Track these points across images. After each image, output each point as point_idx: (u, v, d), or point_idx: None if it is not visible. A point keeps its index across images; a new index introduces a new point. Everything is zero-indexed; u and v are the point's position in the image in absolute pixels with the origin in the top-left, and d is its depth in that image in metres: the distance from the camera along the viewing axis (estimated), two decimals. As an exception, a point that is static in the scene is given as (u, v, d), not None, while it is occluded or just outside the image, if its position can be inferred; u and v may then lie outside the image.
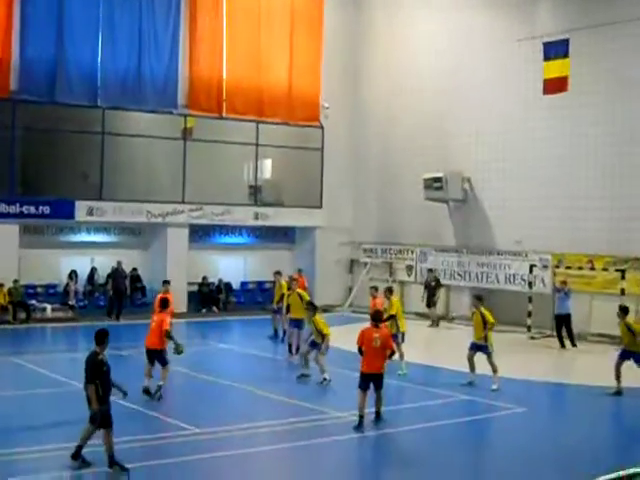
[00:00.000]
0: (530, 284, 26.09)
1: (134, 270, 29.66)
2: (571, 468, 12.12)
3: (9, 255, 26.64)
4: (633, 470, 10.27)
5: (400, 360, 18.19)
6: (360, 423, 13.36)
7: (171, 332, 15.68)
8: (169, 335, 15.57)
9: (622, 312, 17.48)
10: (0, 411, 14.39)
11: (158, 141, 30.01)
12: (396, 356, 16.32)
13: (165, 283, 20.12)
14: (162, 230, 29.84)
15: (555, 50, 25.14)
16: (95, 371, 11.13)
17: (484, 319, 17.27)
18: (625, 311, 17.51)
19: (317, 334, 17.50)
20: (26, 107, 27.57)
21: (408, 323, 27.72)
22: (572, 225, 25.78)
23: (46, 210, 27.40)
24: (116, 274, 28.20)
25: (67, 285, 28.46)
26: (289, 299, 20.81)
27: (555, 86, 25.13)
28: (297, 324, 20.09)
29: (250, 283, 32.61)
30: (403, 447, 13.19)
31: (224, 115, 30.97)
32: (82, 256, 29.18)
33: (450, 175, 28.82)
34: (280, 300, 22.79)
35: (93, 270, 29.42)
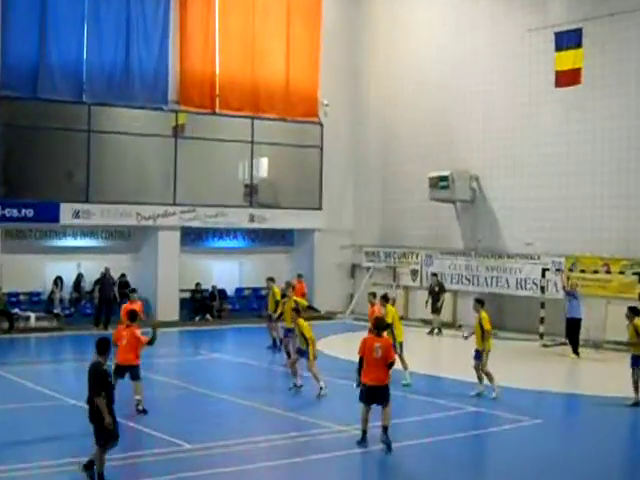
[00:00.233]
0: (542, 289, 26.04)
1: (123, 276, 29.57)
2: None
3: (-10, 261, 26.67)
4: None
5: (404, 370, 18.15)
6: (363, 438, 13.25)
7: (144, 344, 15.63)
8: (152, 342, 15.53)
9: (632, 313, 16.99)
10: (-20, 427, 14.32)
11: (147, 139, 29.99)
12: (398, 366, 16.23)
13: (132, 292, 20.03)
14: (152, 234, 29.80)
15: (567, 40, 25.11)
16: (102, 382, 11.02)
17: (481, 325, 17.29)
18: (635, 312, 16.94)
19: (302, 339, 17.59)
20: (7, 103, 27.57)
21: (412, 330, 27.95)
22: (586, 226, 25.75)
23: (29, 213, 27.35)
24: (104, 280, 28.21)
25: (52, 292, 28.42)
26: (284, 307, 20.80)
27: (567, 78, 25.10)
28: (293, 332, 19.96)
29: (245, 289, 32.57)
30: (408, 463, 13.06)
31: (217, 111, 30.96)
32: (68, 262, 29.13)
33: (457, 174, 28.79)
34: (277, 308, 22.70)
35: (79, 276, 29.39)
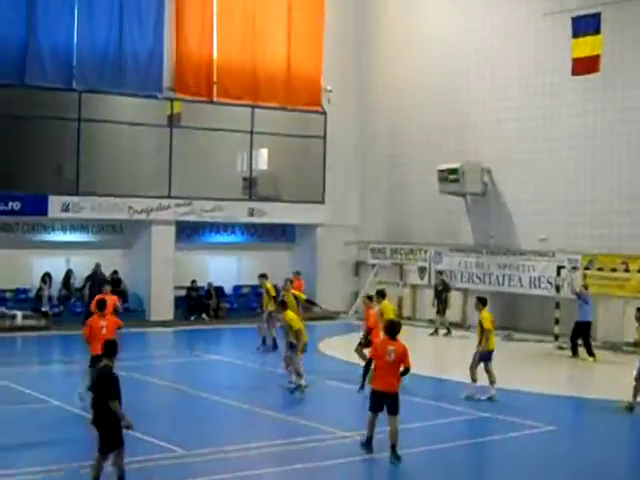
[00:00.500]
0: (557, 288, 26.11)
1: (114, 273, 29.71)
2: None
3: (-25, 256, 26.81)
4: None
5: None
6: (368, 441, 13.17)
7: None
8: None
9: None
10: (-35, 431, 14.41)
11: (141, 129, 30.09)
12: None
13: (105, 284, 20.37)
14: (146, 228, 29.90)
15: (585, 25, 25.16)
16: (115, 386, 10.89)
17: (481, 325, 17.47)
18: None
19: (291, 332, 17.95)
20: (-7, 91, 27.68)
21: (419, 332, 28.07)
22: (604, 221, 25.82)
23: (16, 206, 27.45)
24: (95, 277, 28.24)
25: (40, 290, 28.50)
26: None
27: (585, 66, 25.17)
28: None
29: (244, 287, 32.64)
30: (416, 472, 13.06)
31: (215, 99, 31.03)
32: (56, 257, 29.24)
33: (468, 166, 28.85)
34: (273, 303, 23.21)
35: (69, 273, 29.48)
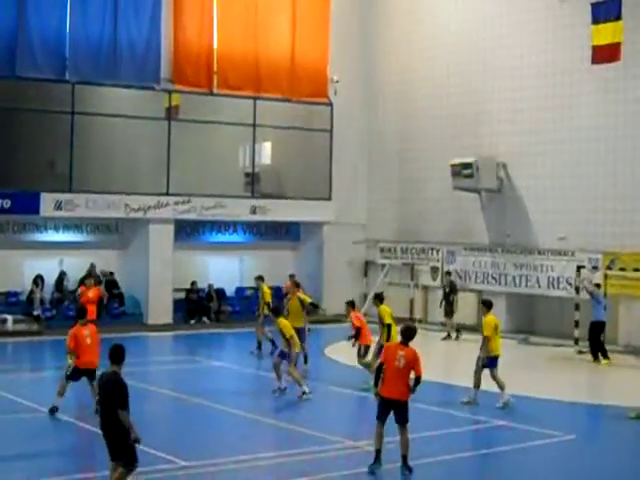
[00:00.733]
0: (577, 289, 26.04)
1: (110, 274, 29.72)
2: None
3: (-37, 257, 26.84)
4: None
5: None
6: (376, 459, 12.96)
7: None
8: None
9: None
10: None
11: (137, 122, 30.06)
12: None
13: (87, 277, 21.32)
14: (143, 227, 29.89)
15: (605, 11, 25.10)
16: (125, 394, 10.62)
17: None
18: None
19: (283, 340, 18.15)
20: (-18, 83, 27.72)
21: (430, 335, 28.01)
22: (626, 219, 25.75)
23: (6, 204, 27.43)
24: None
25: (31, 292, 28.51)
26: (288, 304, 21.70)
27: (605, 54, 25.10)
28: (296, 333, 20.51)
29: (247, 289, 32.57)
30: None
31: (215, 90, 31.01)
32: (49, 258, 29.24)
33: (482, 160, 28.79)
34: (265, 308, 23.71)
35: (62, 274, 29.48)
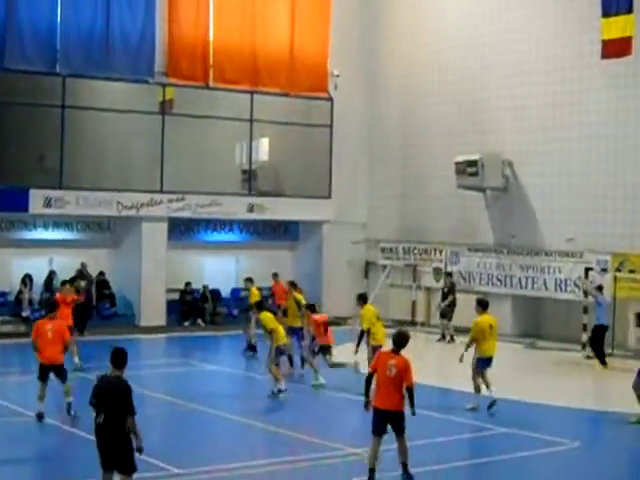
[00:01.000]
0: (585, 292, 26.07)
1: (101, 274, 29.75)
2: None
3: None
4: None
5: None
6: (370, 475, 12.54)
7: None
8: (67, 347, 16.73)
9: None
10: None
11: (130, 116, 30.06)
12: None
13: (66, 283, 22.65)
14: (136, 225, 29.91)
15: (617, 4, 25.16)
16: (130, 400, 10.51)
17: None
18: None
19: (266, 334, 18.70)
20: (-30, 75, 27.72)
21: (432, 339, 28.02)
22: (637, 219, 25.76)
23: (-7, 201, 27.56)
24: (80, 279, 28.28)
25: (20, 293, 28.56)
26: (285, 305, 22.52)
27: (616, 48, 25.13)
28: (294, 333, 21.40)
29: (243, 290, 32.56)
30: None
31: (211, 84, 31.01)
32: (38, 257, 29.28)
33: (487, 158, 28.80)
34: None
35: (51, 274, 29.46)
